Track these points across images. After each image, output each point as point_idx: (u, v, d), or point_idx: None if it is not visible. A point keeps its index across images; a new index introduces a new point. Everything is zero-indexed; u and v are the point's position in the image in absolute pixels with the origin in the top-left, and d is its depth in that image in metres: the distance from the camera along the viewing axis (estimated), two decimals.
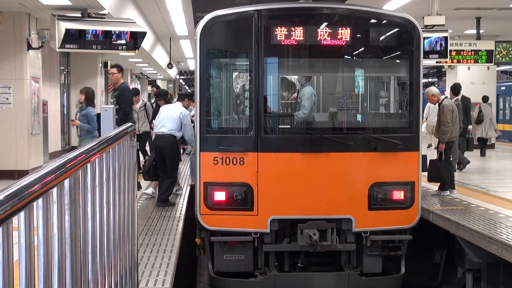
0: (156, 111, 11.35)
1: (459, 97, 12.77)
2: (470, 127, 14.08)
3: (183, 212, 9.18)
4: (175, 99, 14.05)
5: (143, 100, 13.80)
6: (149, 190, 10.20)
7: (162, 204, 9.43)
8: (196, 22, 13.24)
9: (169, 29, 19.61)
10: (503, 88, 24.54)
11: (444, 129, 9.82)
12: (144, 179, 10.20)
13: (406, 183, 7.77)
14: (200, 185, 7.62)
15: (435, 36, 13.70)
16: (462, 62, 17.57)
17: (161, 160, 9.28)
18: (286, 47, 7.78)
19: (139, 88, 27.65)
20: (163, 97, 12.15)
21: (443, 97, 10.54)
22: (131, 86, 27.48)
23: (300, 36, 7.65)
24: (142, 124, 12.67)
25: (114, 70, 10.11)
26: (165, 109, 9.72)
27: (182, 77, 45.81)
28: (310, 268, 8.04)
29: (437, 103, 10.31)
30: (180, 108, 9.71)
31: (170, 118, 9.37)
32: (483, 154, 17.16)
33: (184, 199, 10.16)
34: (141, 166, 10.50)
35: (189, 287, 9.55)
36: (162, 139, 9.36)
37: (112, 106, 9.25)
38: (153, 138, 10.33)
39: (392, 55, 8.32)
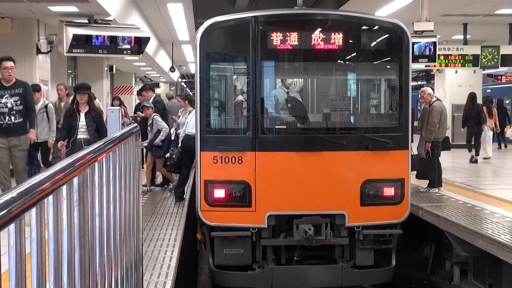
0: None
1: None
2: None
3: (185, 208, 9.19)
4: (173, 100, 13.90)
5: (44, 100, 10.43)
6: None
7: (179, 199, 9.68)
8: (196, 28, 13.24)
9: (171, 34, 19.60)
10: (488, 90, 24.55)
11: (431, 129, 9.84)
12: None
13: (396, 180, 7.79)
14: (201, 183, 7.63)
15: (424, 41, 13.71)
16: (450, 66, 17.58)
17: (190, 158, 9.25)
18: (282, 51, 7.79)
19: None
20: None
21: (434, 98, 10.53)
22: (135, 89, 27.39)
23: (295, 41, 7.66)
24: (42, 131, 9.78)
25: (11, 63, 8.00)
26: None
27: (184, 80, 45.75)
28: (305, 261, 8.04)
29: (429, 104, 10.32)
30: None
31: None
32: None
33: (186, 196, 10.17)
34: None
35: (191, 279, 9.55)
36: (194, 140, 9.21)
37: (118, 108, 9.16)
38: (182, 138, 9.76)
39: (382, 59, 8.33)
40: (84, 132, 8.28)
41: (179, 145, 9.91)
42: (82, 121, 8.31)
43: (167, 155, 10.43)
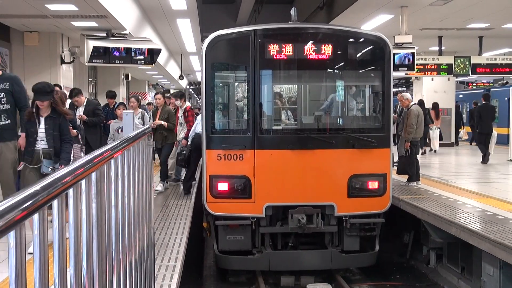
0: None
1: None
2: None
3: (193, 201, 9.17)
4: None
5: None
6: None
7: (188, 191, 9.71)
8: (202, 40, 13.22)
9: (180, 46, 19.58)
10: (461, 96, 24.55)
11: (409, 130, 9.84)
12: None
13: (379, 175, 7.77)
14: (206, 178, 7.61)
15: (404, 52, 13.71)
16: (427, 74, 17.58)
17: (198, 155, 9.24)
18: (278, 61, 7.77)
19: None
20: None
21: (412, 103, 10.52)
22: (148, 95, 27.26)
23: (289, 51, 7.65)
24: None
25: None
26: None
27: (191, 87, 45.70)
28: (299, 246, 8.04)
29: (407, 107, 10.31)
30: None
31: None
32: None
33: (193, 190, 10.16)
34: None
35: (198, 264, 9.53)
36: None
37: (132, 111, 8.49)
38: (192, 136, 9.70)
39: (367, 67, 8.32)
40: (43, 142, 5.81)
41: (189, 142, 9.90)
42: (41, 127, 5.82)
43: (178, 151, 10.39)
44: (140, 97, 13.68)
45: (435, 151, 16.51)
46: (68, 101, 9.12)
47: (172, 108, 10.86)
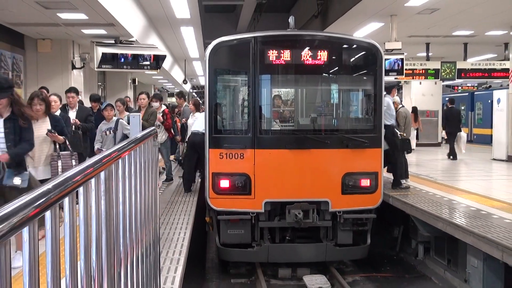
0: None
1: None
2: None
3: (196, 197, 9.16)
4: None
5: None
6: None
7: (188, 191, 9.46)
8: (205, 47, 13.20)
9: (184, 52, 19.56)
10: (447, 98, 24.52)
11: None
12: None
13: (371, 173, 7.77)
14: (209, 175, 7.60)
15: (394, 58, 13.71)
16: (415, 78, 17.58)
17: (193, 151, 9.18)
18: (277, 66, 7.76)
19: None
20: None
21: (401, 105, 10.53)
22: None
23: (287, 57, 7.64)
24: None
25: None
26: (201, 115, 9.37)
27: (194, 90, 45.68)
28: (295, 240, 8.03)
29: (395, 110, 10.30)
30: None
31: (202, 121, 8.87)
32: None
33: (196, 187, 10.15)
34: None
35: (200, 256, 9.51)
36: (198, 136, 8.86)
37: (139, 114, 7.65)
38: (188, 136, 9.45)
39: (360, 72, 8.31)
40: (3, 147, 4.76)
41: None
42: (0, 131, 4.77)
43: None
44: (129, 98, 13.52)
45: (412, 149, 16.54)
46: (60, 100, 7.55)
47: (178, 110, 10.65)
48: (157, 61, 12.81)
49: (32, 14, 9.66)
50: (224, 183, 7.59)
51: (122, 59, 12.24)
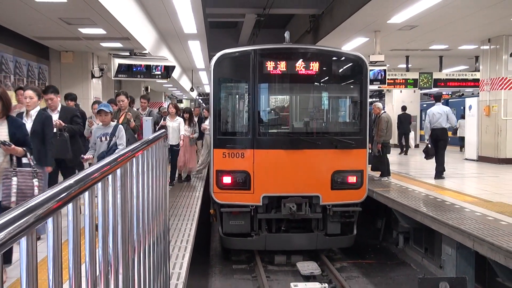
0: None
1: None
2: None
3: (201, 192, 9.15)
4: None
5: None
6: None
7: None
8: (210, 58, 13.19)
9: (191, 63, 19.55)
10: (424, 105, 24.56)
11: (380, 134, 9.91)
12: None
13: (357, 171, 7.77)
14: (213, 172, 7.60)
15: (377, 69, 13.69)
16: (396, 87, 17.59)
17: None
18: (274, 76, 7.76)
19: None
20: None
21: (383, 111, 10.54)
22: (164, 105, 27.24)
23: (283, 67, 7.64)
24: None
25: None
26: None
27: (200, 97, 45.65)
28: (290, 230, 8.02)
29: (378, 115, 10.33)
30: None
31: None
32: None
33: (202, 182, 10.13)
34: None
35: (205, 245, 9.50)
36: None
37: (151, 118, 6.88)
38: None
39: (347, 81, 8.31)
40: None
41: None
42: None
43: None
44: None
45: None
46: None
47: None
48: (167, 71, 12.78)
49: (56, 29, 9.65)
50: (227, 179, 7.58)
51: (136, 69, 12.21)
